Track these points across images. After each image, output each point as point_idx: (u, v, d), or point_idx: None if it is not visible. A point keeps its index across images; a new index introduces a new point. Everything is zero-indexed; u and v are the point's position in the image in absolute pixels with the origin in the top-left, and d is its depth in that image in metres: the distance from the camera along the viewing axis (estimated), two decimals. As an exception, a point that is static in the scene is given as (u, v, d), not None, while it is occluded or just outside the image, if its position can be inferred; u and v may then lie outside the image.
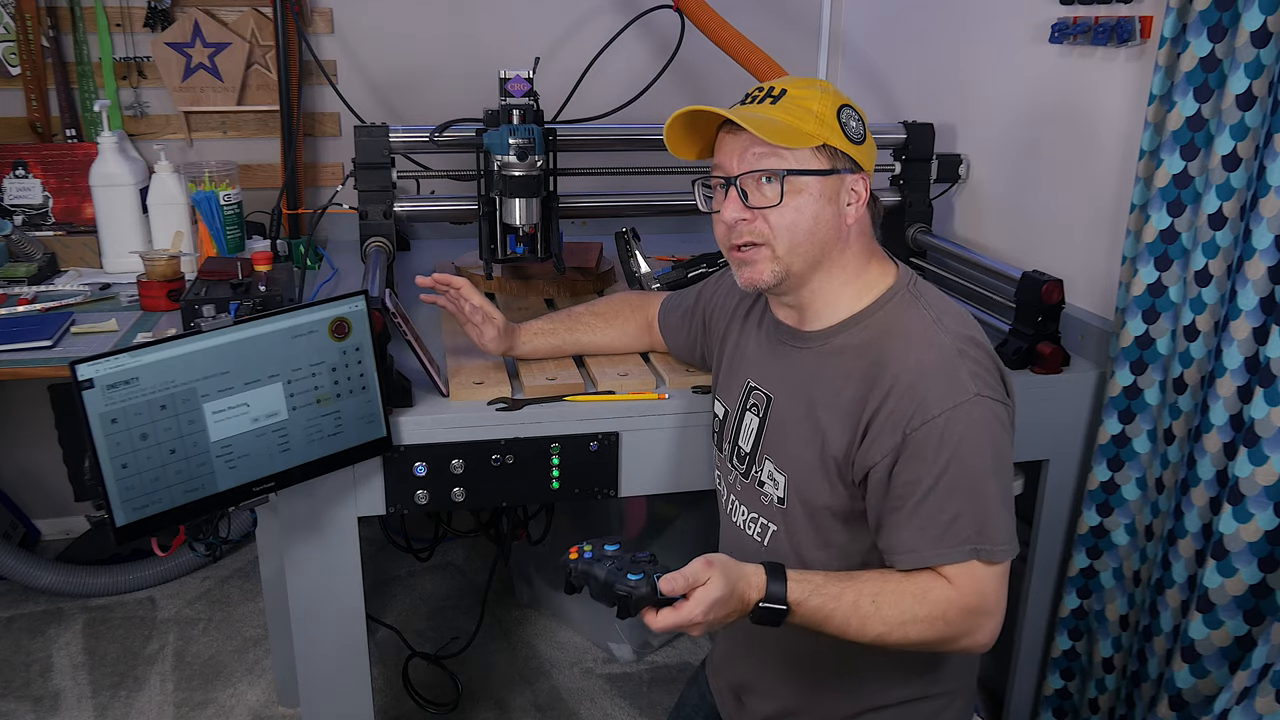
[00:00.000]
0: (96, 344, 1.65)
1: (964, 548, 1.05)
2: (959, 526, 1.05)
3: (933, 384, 1.06)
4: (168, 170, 2.02)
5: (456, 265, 2.04)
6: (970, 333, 1.12)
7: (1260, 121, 1.27)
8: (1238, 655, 1.34)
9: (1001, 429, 1.08)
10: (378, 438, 1.32)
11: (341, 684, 1.48)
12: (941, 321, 1.12)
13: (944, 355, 1.08)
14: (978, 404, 1.06)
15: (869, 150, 1.16)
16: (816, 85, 1.14)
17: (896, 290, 1.16)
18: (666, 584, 0.97)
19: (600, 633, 2.35)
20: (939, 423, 1.05)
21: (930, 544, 1.05)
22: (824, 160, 1.12)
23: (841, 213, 1.14)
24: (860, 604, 1.04)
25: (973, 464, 1.05)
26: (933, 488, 1.05)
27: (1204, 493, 1.36)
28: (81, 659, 2.27)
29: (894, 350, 1.10)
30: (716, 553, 1.03)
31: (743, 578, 1.02)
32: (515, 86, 1.71)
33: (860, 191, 1.14)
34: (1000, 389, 1.10)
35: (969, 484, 1.05)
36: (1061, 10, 1.72)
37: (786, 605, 1.02)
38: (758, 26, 2.55)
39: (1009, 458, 1.10)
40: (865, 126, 1.15)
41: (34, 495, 2.68)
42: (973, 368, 1.08)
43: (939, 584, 1.06)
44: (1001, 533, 1.06)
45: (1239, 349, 1.29)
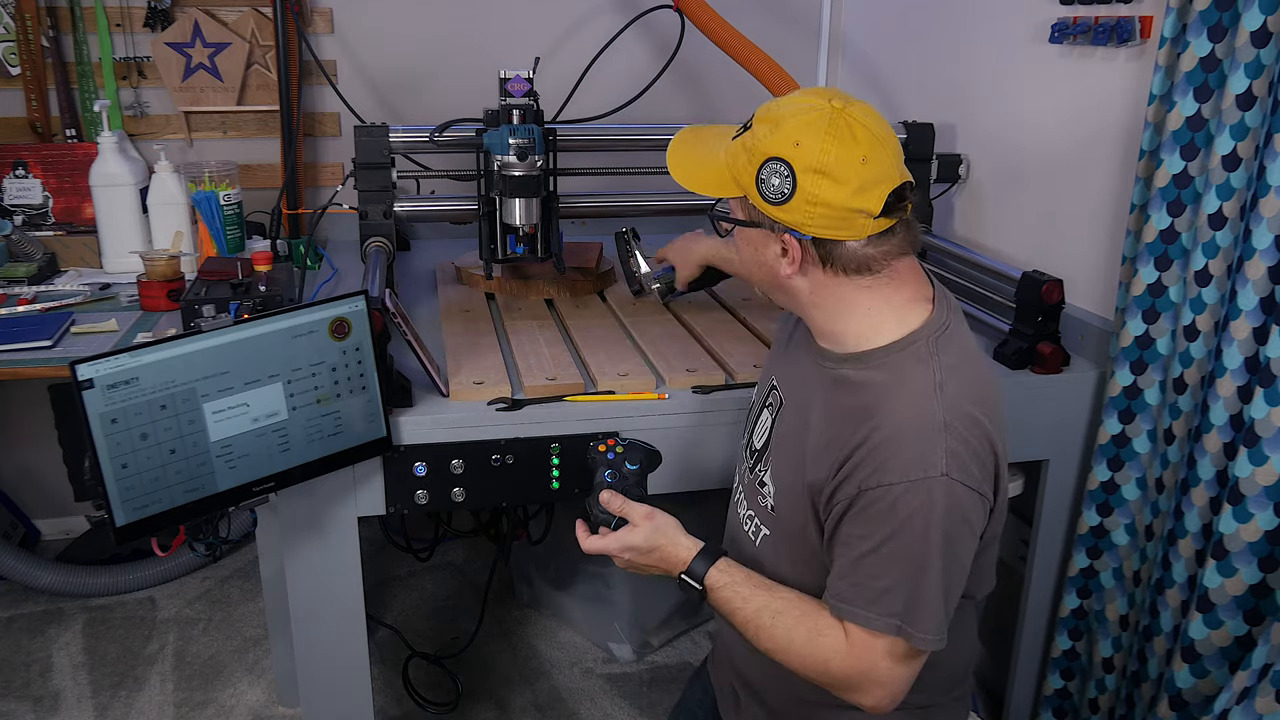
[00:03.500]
0: (96, 344, 1.65)
1: (890, 620, 1.02)
2: (890, 598, 1.02)
3: (902, 450, 1.01)
4: (168, 170, 2.02)
5: (457, 265, 2.04)
6: (970, 409, 1.04)
7: (1260, 121, 1.27)
8: (1238, 655, 1.34)
9: (961, 518, 1.02)
10: (378, 438, 1.32)
11: (341, 684, 1.48)
12: (944, 387, 1.04)
13: (926, 424, 1.02)
14: (941, 485, 1.00)
15: (803, 210, 1.03)
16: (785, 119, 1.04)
17: (917, 339, 1.07)
18: (604, 497, 1.18)
19: (600, 633, 2.35)
20: (894, 491, 1.00)
21: (862, 604, 1.03)
22: (745, 210, 1.09)
23: (774, 264, 1.08)
24: (760, 616, 1.09)
25: (919, 544, 1.00)
26: (872, 553, 1.02)
27: (1204, 493, 1.36)
28: (81, 659, 2.27)
29: (884, 401, 1.05)
30: (669, 515, 1.17)
31: (674, 543, 1.15)
32: (515, 86, 1.71)
33: (791, 250, 1.06)
34: (978, 476, 1.02)
35: (910, 562, 1.01)
36: (1061, 10, 1.72)
37: (702, 585, 1.13)
38: (758, 27, 2.55)
39: (964, 549, 1.04)
40: (794, 182, 1.02)
41: (34, 495, 2.68)
42: (953, 446, 1.01)
43: (836, 635, 1.05)
44: (929, 622, 1.02)
45: (1239, 349, 1.29)
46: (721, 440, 1.47)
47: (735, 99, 2.55)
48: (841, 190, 1.01)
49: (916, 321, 1.09)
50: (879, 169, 1.02)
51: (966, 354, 1.09)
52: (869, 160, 1.02)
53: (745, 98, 2.11)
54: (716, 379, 1.52)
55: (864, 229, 1.03)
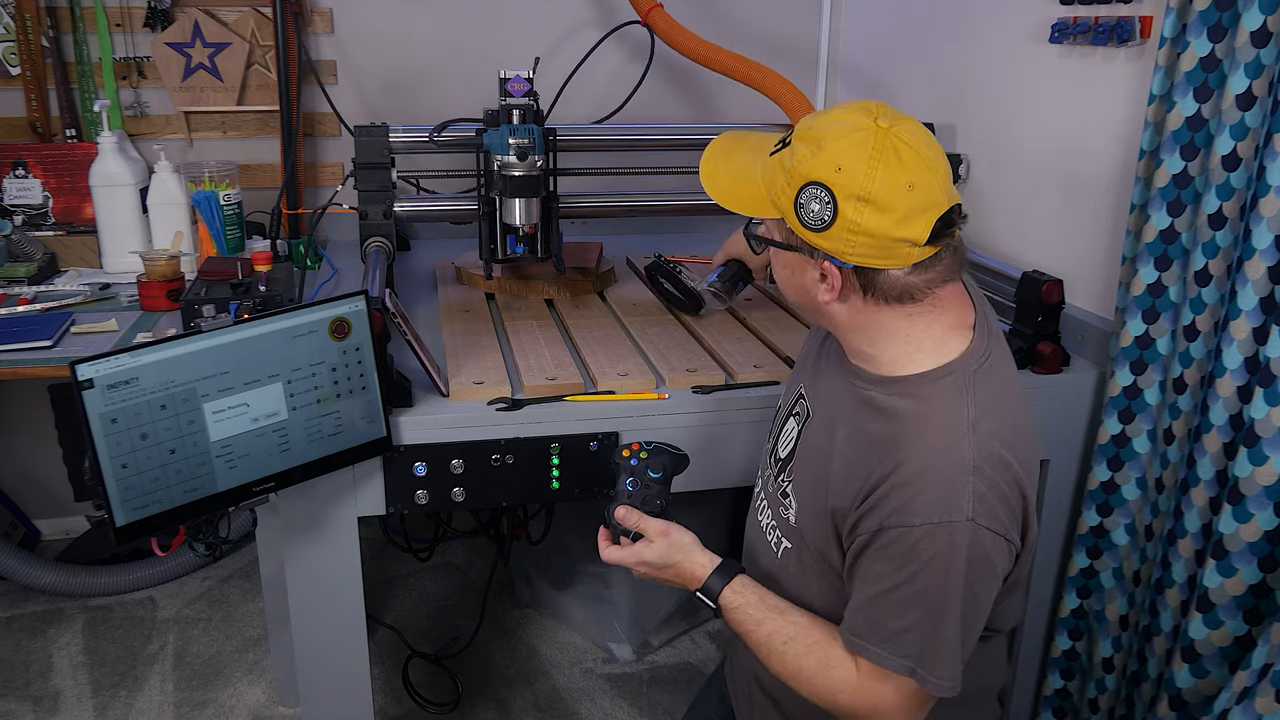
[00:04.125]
0: (96, 344, 1.65)
1: (905, 662, 1.00)
2: (906, 641, 1.00)
3: (928, 490, 0.98)
4: (168, 170, 2.02)
5: (457, 265, 2.04)
6: (1002, 451, 0.99)
7: (1260, 121, 1.27)
8: (1237, 655, 1.34)
9: (985, 564, 0.98)
10: (378, 438, 1.32)
11: (341, 684, 1.48)
12: (977, 426, 0.99)
13: (955, 465, 0.98)
14: (965, 530, 0.96)
15: (844, 238, 0.98)
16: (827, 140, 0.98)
17: (953, 370, 1.03)
18: (619, 513, 1.16)
19: (600, 633, 2.35)
20: (917, 533, 0.97)
21: (876, 641, 1.01)
22: (782, 233, 1.05)
23: (811, 289, 1.05)
24: (772, 640, 1.08)
25: (939, 588, 0.98)
26: (891, 592, 1.00)
27: (1204, 493, 1.36)
28: (81, 659, 2.27)
29: (914, 435, 1.01)
30: (686, 530, 1.15)
31: (689, 560, 1.14)
32: (515, 86, 1.71)
33: (831, 278, 1.02)
34: (1005, 523, 0.99)
35: (929, 606, 0.98)
36: (1061, 10, 1.72)
37: (717, 605, 1.12)
38: (758, 27, 2.55)
39: (985, 594, 1.01)
40: (835, 210, 0.97)
41: (34, 495, 2.68)
42: (980, 490, 0.97)
43: (847, 668, 1.04)
44: (945, 669, 1.00)
45: (1239, 349, 1.29)
46: (722, 440, 1.47)
47: (722, 97, 2.56)
48: (886, 219, 0.96)
49: (956, 350, 1.04)
50: (926, 195, 0.97)
51: (1004, 387, 1.05)
52: (915, 187, 0.97)
53: (741, 91, 2.12)
54: (716, 379, 1.52)
55: (908, 258, 0.99)
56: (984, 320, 1.08)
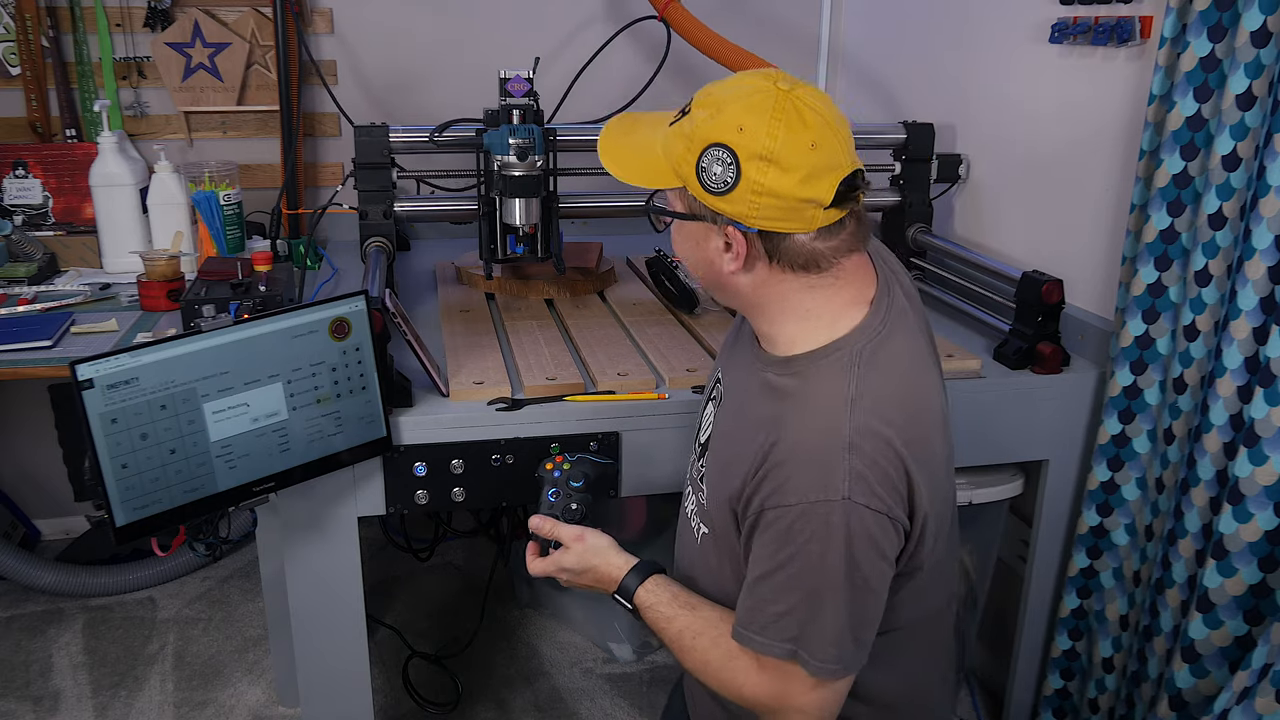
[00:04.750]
0: (96, 344, 1.65)
1: (786, 645, 0.98)
2: (784, 624, 0.97)
3: (802, 470, 0.95)
4: (168, 170, 2.03)
5: (457, 265, 2.04)
6: (881, 428, 0.96)
7: (1260, 121, 1.27)
8: (1237, 655, 1.34)
9: (867, 541, 0.95)
10: (378, 438, 1.32)
11: (341, 684, 1.48)
12: (857, 403, 0.96)
13: (829, 443, 0.95)
14: (841, 508, 0.94)
15: (748, 200, 0.95)
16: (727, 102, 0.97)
17: (843, 345, 1.00)
18: (533, 522, 1.18)
19: (600, 633, 2.35)
20: (791, 513, 0.95)
21: (756, 628, 0.99)
22: (684, 202, 1.02)
23: (715, 260, 1.02)
24: (682, 637, 1.08)
25: (817, 570, 0.95)
26: (771, 574, 0.98)
27: (1204, 493, 1.36)
28: (81, 659, 2.27)
29: (792, 414, 0.99)
30: (601, 534, 1.16)
31: (606, 562, 1.14)
32: (515, 86, 1.71)
33: (735, 244, 0.99)
34: (887, 501, 0.95)
35: (808, 587, 0.96)
36: (1061, 10, 1.72)
37: (633, 605, 1.12)
38: (758, 26, 2.55)
39: (873, 575, 0.97)
40: (738, 170, 0.94)
41: (34, 495, 2.68)
42: (857, 467, 0.94)
43: (748, 658, 1.02)
44: (827, 649, 0.97)
45: (1239, 349, 1.29)
46: (721, 440, 1.47)
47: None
48: (789, 178, 0.94)
49: (847, 327, 1.01)
50: (829, 155, 0.95)
51: (897, 364, 1.01)
52: (819, 146, 0.94)
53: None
54: (716, 379, 1.52)
55: (813, 220, 0.96)
56: (885, 294, 1.05)
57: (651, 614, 1.10)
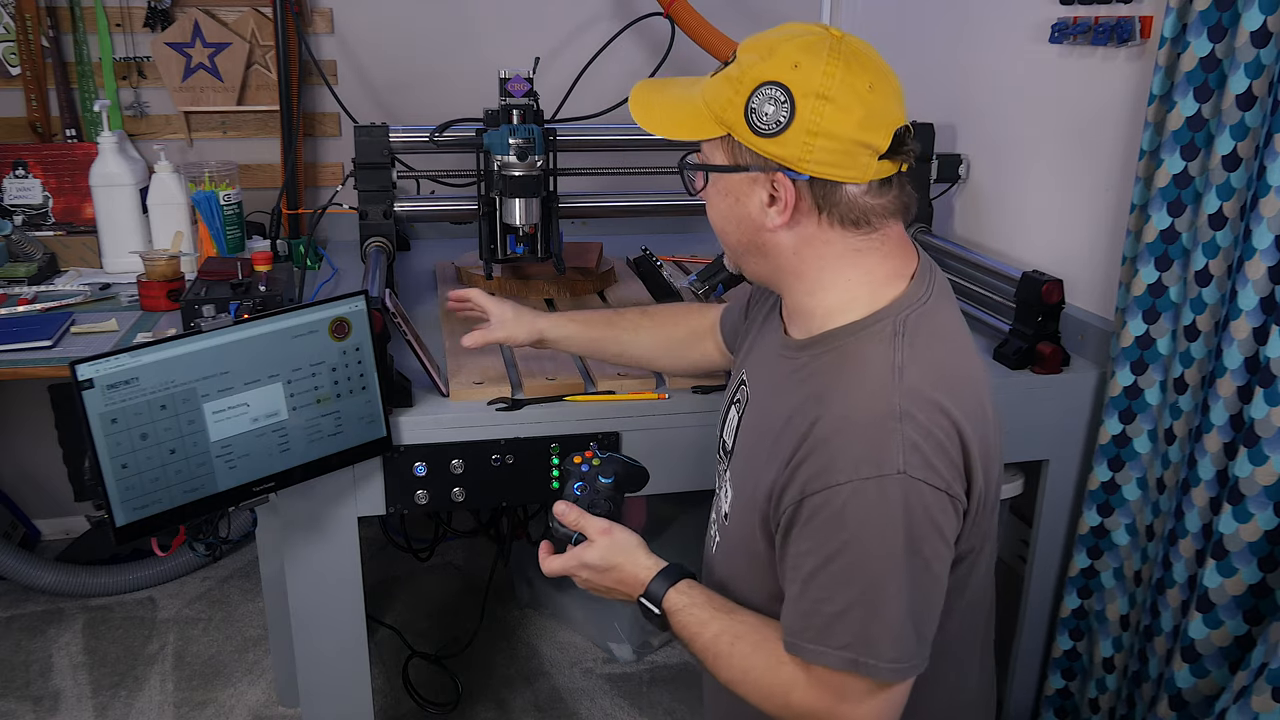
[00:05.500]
0: (96, 344, 1.65)
1: (843, 654, 0.87)
2: (841, 627, 0.87)
3: (851, 444, 0.87)
4: (168, 170, 2.03)
5: (457, 265, 2.04)
6: (934, 395, 0.89)
7: (1260, 121, 1.27)
8: (1237, 655, 1.34)
9: (927, 520, 0.87)
10: (378, 438, 1.32)
11: (341, 684, 1.48)
12: (903, 371, 0.89)
13: (879, 414, 0.87)
14: (897, 483, 0.85)
15: (801, 142, 0.89)
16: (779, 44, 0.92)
17: (884, 316, 0.94)
18: (558, 508, 1.07)
19: (600, 633, 2.35)
20: (842, 493, 0.86)
21: (811, 636, 0.89)
22: (725, 154, 0.95)
23: (758, 216, 0.95)
24: (719, 641, 0.97)
25: (875, 555, 0.86)
26: (821, 569, 0.88)
27: (1204, 492, 1.36)
28: (81, 659, 2.27)
29: (834, 388, 0.91)
30: (631, 531, 1.06)
31: (633, 562, 1.03)
32: (515, 86, 1.71)
33: (783, 194, 0.92)
34: (945, 475, 0.88)
35: (866, 578, 0.87)
36: (1061, 10, 1.72)
37: (661, 610, 1.01)
38: (758, 25, 2.55)
39: (934, 558, 0.88)
40: (792, 109, 0.88)
41: (34, 495, 2.68)
42: (911, 438, 0.86)
43: (795, 665, 0.92)
44: (890, 649, 0.87)
45: (1239, 349, 1.29)
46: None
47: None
48: (846, 119, 0.88)
49: (888, 299, 0.95)
50: (885, 101, 0.90)
51: (943, 333, 0.95)
52: (875, 89, 0.89)
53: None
54: (717, 379, 1.52)
55: (867, 169, 0.90)
56: (927, 269, 1.00)
57: (684, 617, 0.99)
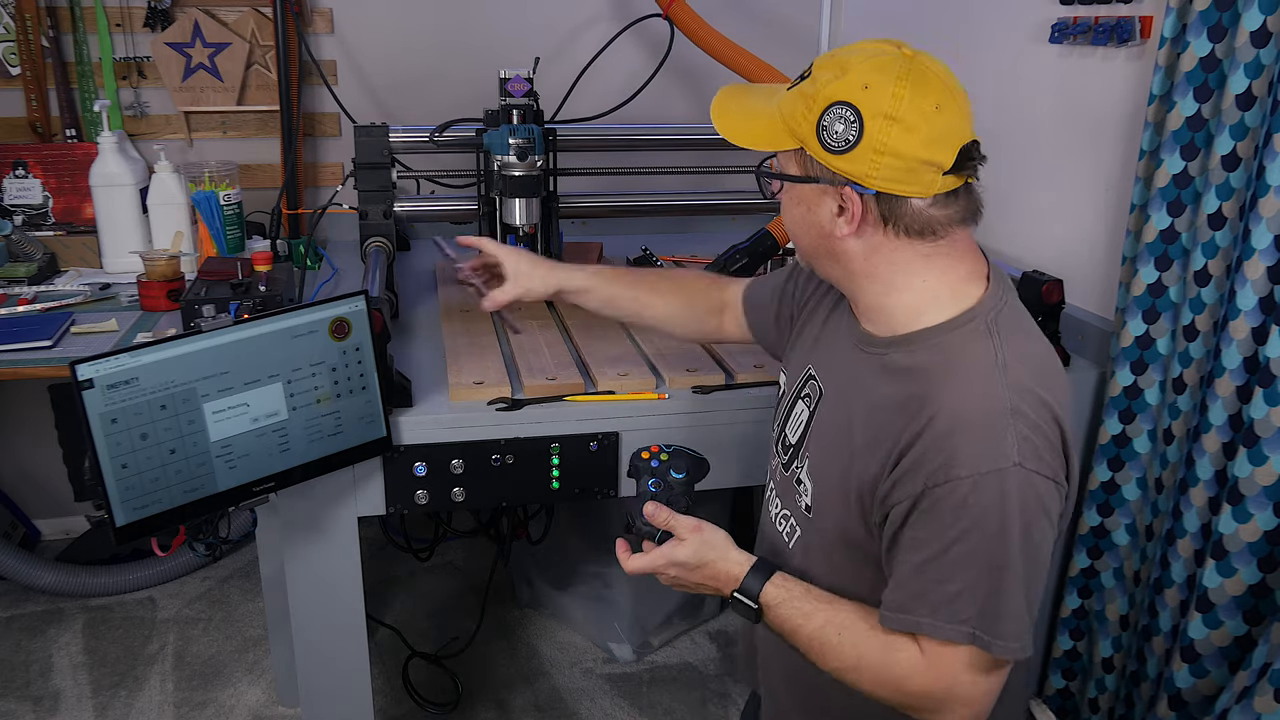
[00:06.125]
0: (96, 344, 1.65)
1: (962, 628, 0.93)
2: (961, 603, 0.93)
3: (969, 440, 0.92)
4: (168, 170, 2.02)
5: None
6: (1038, 390, 0.95)
7: (1260, 121, 1.27)
8: (1237, 655, 1.34)
9: (1040, 511, 0.93)
10: (378, 438, 1.32)
11: (341, 684, 1.48)
12: (1008, 367, 0.95)
13: (993, 409, 0.93)
14: (1015, 475, 0.91)
15: (869, 159, 0.95)
16: (852, 63, 0.96)
17: (974, 315, 0.99)
18: (649, 509, 1.09)
19: (600, 633, 2.35)
20: (964, 485, 0.91)
21: (926, 610, 0.94)
22: (798, 165, 1.01)
23: (828, 225, 1.00)
24: (825, 632, 1.01)
25: (995, 542, 0.92)
26: (942, 553, 0.93)
27: (1203, 492, 1.36)
28: (81, 659, 2.27)
29: (942, 386, 0.95)
30: (718, 528, 1.08)
31: (724, 558, 1.06)
32: (515, 86, 1.71)
33: (851, 206, 0.97)
34: (1053, 465, 0.94)
35: (986, 562, 0.92)
36: (1061, 10, 1.72)
37: (758, 604, 1.04)
38: (757, 31, 2.55)
39: (1045, 547, 0.95)
40: (861, 128, 0.94)
41: (34, 495, 2.68)
42: (1023, 432, 0.92)
43: (912, 649, 0.96)
44: (1010, 627, 0.92)
45: (1238, 349, 1.29)
46: (722, 440, 1.47)
47: (735, 99, 2.55)
48: (912, 139, 0.94)
49: (973, 298, 1.00)
50: (951, 120, 0.95)
51: (1028, 330, 1.02)
52: (942, 109, 0.94)
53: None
54: (716, 379, 1.52)
55: (932, 185, 0.96)
56: (998, 272, 1.05)
57: (785, 610, 1.02)
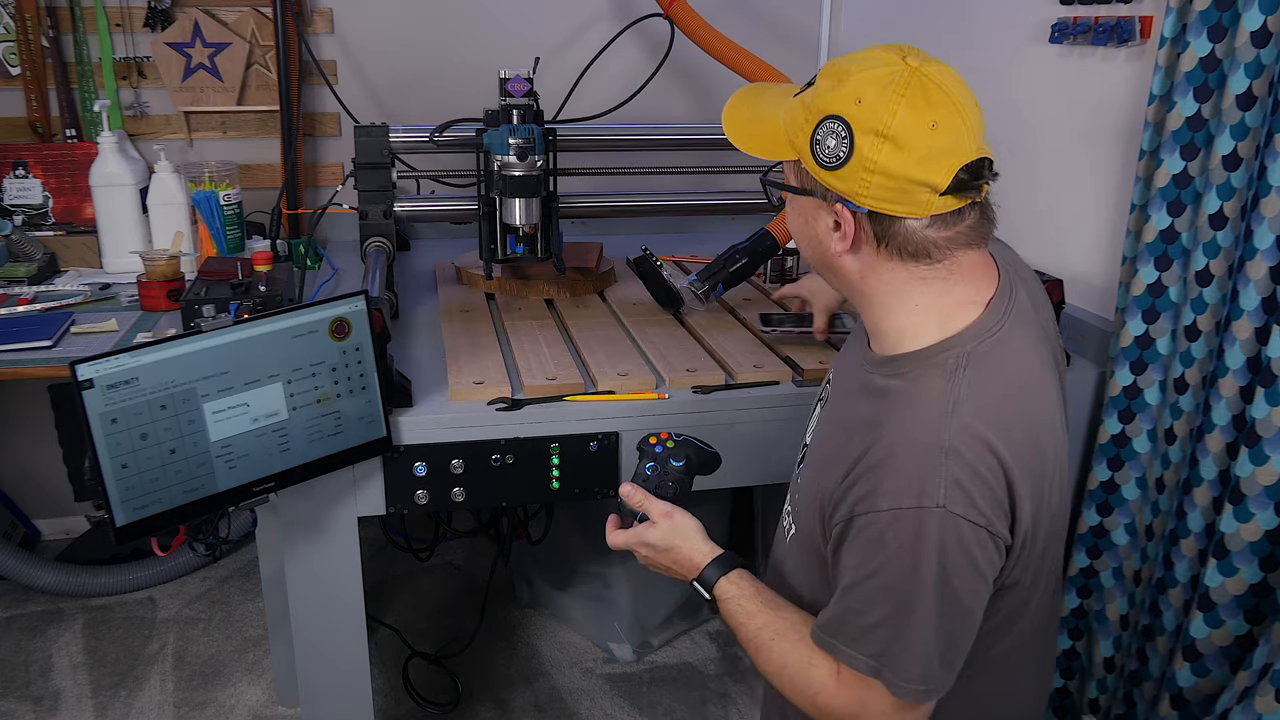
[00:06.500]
0: (96, 344, 1.65)
1: (870, 661, 0.93)
2: (871, 637, 0.93)
3: (897, 473, 0.90)
4: (168, 170, 2.02)
5: (457, 265, 2.04)
6: (985, 433, 0.90)
7: (1260, 121, 1.27)
8: (1239, 655, 1.34)
9: (962, 554, 0.89)
10: (378, 438, 1.32)
11: (341, 684, 1.48)
12: (958, 407, 0.91)
13: (928, 447, 0.90)
14: (935, 516, 0.88)
15: (859, 177, 0.92)
16: (851, 74, 0.93)
17: (949, 346, 0.95)
18: (624, 489, 1.14)
19: (600, 633, 2.35)
20: (884, 518, 0.90)
21: (844, 637, 0.95)
22: (798, 176, 0.99)
23: (824, 239, 0.98)
24: (761, 635, 1.03)
25: (908, 580, 0.90)
26: (859, 584, 0.93)
27: (1206, 492, 1.36)
28: (81, 659, 2.27)
29: (892, 415, 0.94)
30: (691, 516, 1.12)
31: (690, 546, 1.10)
32: (515, 86, 1.71)
33: (845, 225, 0.95)
34: (986, 514, 0.90)
35: (897, 600, 0.91)
36: (1061, 10, 1.72)
37: (711, 595, 1.08)
38: (757, 32, 2.55)
39: (966, 592, 0.91)
40: (851, 145, 0.91)
41: (34, 495, 2.68)
42: (956, 474, 0.89)
43: (828, 668, 0.97)
44: (916, 669, 0.91)
45: (1241, 349, 1.29)
46: (722, 441, 1.47)
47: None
48: (904, 158, 0.90)
49: (959, 327, 0.96)
50: (951, 138, 0.90)
51: (1008, 368, 0.96)
52: (940, 127, 0.90)
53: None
54: (716, 379, 1.52)
55: (926, 206, 0.92)
56: (1005, 297, 0.99)
57: (731, 607, 1.06)
